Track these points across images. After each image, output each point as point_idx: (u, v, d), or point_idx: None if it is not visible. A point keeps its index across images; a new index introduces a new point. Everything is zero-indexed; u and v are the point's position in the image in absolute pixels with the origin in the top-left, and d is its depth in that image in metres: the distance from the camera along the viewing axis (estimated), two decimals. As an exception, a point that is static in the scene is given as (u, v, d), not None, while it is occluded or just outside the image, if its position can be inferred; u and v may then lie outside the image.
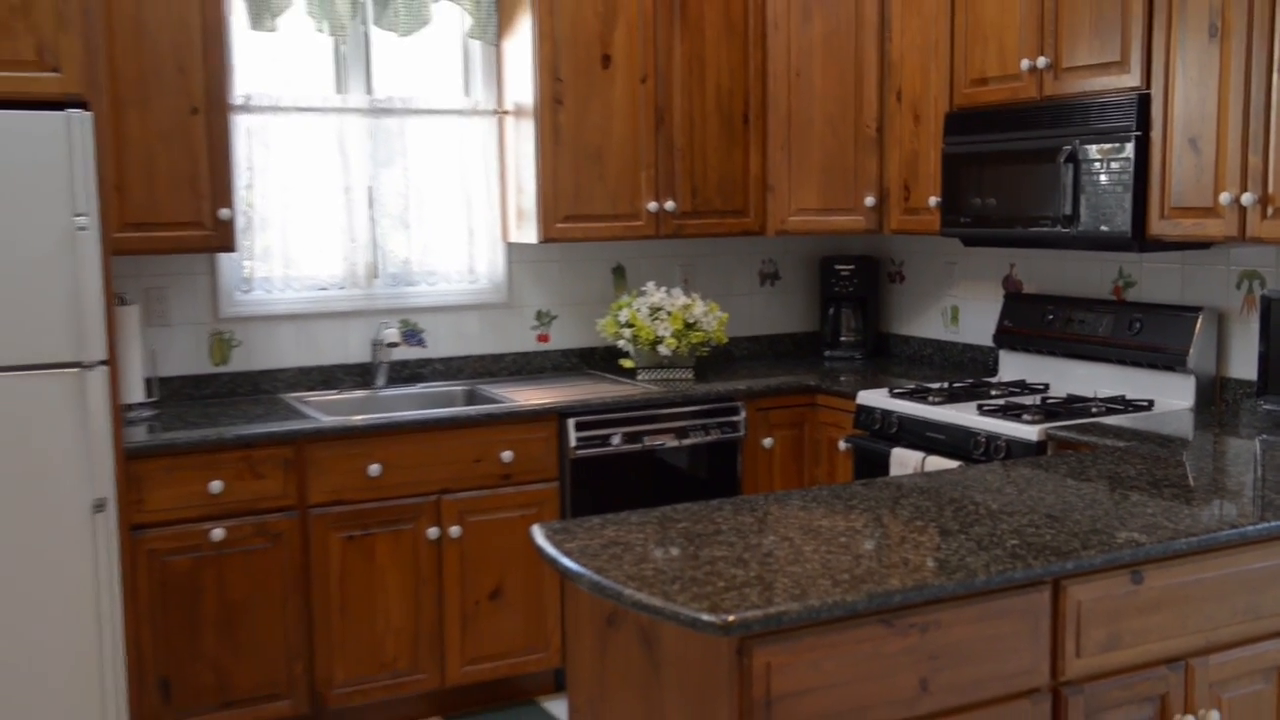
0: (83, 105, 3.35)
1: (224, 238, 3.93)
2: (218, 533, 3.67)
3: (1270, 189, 3.23)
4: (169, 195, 3.85)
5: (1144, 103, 3.53)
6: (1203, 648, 2.51)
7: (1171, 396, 3.84)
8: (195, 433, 3.66)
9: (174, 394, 4.24)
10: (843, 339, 5.07)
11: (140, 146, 3.81)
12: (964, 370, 4.73)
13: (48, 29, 3.28)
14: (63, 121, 3.30)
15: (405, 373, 4.58)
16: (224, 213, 3.91)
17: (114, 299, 3.43)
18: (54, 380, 3.35)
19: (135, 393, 3.94)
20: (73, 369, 3.37)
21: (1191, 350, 3.77)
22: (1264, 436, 3.34)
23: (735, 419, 4.37)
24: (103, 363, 3.39)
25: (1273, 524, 2.53)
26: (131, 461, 3.55)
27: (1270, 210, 3.23)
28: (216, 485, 3.66)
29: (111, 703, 3.46)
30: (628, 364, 4.62)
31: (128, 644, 3.49)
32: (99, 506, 3.41)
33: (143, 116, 3.80)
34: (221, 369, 4.32)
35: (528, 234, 4.46)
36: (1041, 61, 3.83)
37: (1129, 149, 3.55)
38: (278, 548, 3.77)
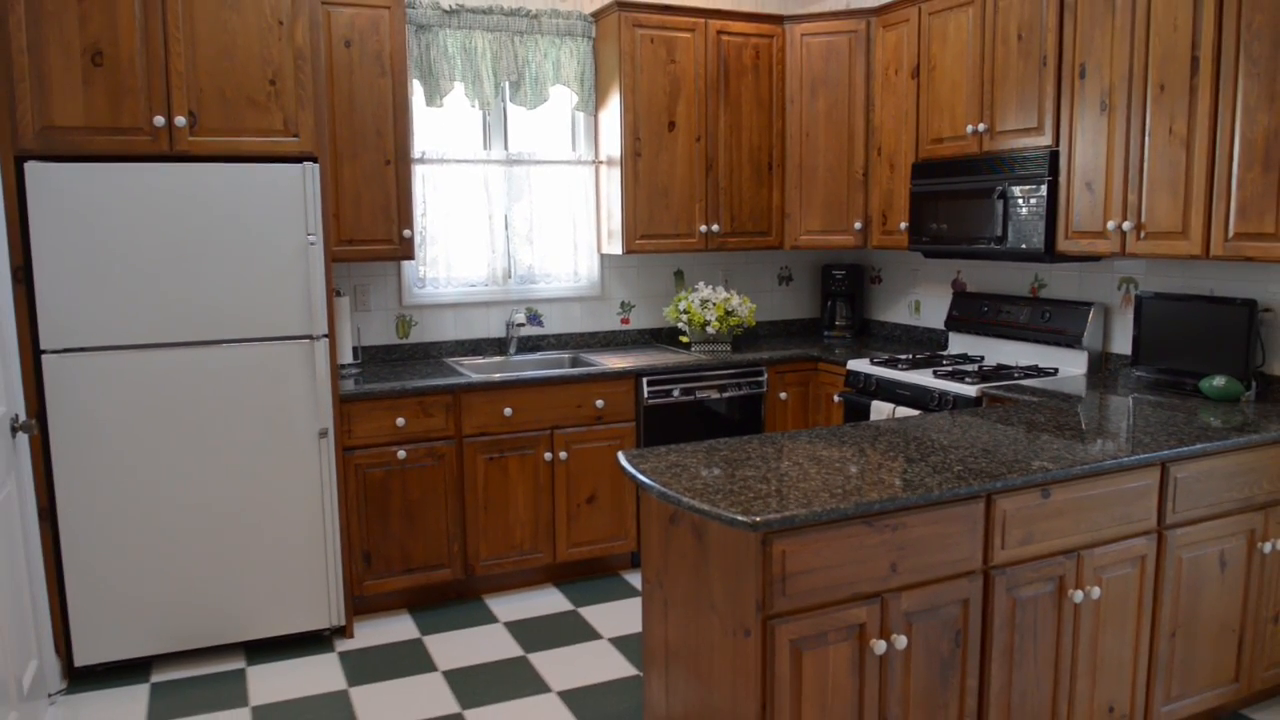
0: (313, 159, 3.41)
1: (406, 250, 3.98)
2: (401, 453, 3.73)
3: (1143, 218, 3.19)
4: (369, 221, 3.91)
5: (1054, 157, 3.49)
6: (1090, 543, 2.51)
7: (1071, 366, 3.81)
8: (386, 385, 3.71)
9: (372, 358, 4.31)
10: (837, 323, 5.05)
11: (351, 187, 3.87)
12: (924, 346, 4.70)
13: (291, 107, 3.35)
14: (300, 171, 3.36)
15: (529, 344, 4.62)
16: (406, 233, 3.97)
17: (333, 292, 3.48)
18: (294, 347, 3.43)
19: (346, 356, 4.01)
20: (306, 340, 3.43)
21: (1085, 333, 3.74)
22: (1135, 395, 3.31)
23: (760, 379, 4.38)
24: (325, 336, 3.45)
25: (1140, 456, 2.52)
26: (344, 403, 3.63)
27: (1143, 234, 3.19)
28: (400, 421, 3.72)
29: (331, 567, 3.55)
30: (684, 340, 4.64)
31: (342, 528, 3.56)
32: (323, 434, 3.48)
33: (353, 167, 3.87)
34: (403, 341, 4.38)
35: (615, 247, 4.48)
36: (981, 127, 3.79)
37: (1043, 189, 3.52)
38: (441, 464, 3.82)
